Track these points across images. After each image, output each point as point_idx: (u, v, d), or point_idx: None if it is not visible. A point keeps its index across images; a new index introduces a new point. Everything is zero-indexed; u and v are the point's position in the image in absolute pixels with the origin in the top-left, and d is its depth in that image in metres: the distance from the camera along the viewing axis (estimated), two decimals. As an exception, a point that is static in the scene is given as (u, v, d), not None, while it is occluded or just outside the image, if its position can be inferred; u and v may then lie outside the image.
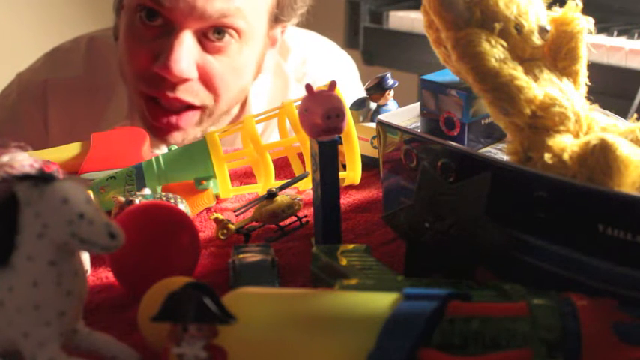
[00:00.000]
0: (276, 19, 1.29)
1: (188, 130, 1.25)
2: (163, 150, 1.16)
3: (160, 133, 1.26)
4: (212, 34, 1.21)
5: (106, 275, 0.85)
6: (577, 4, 0.82)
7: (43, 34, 2.31)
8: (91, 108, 1.37)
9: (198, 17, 1.18)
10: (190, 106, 1.24)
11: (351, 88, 1.45)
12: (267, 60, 1.33)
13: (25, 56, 1.62)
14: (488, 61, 0.76)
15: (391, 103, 1.07)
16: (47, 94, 1.38)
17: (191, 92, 1.23)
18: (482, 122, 0.84)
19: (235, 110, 1.35)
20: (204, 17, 1.18)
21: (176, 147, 1.04)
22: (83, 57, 1.40)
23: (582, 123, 0.77)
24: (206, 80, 1.23)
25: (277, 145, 1.03)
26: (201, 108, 1.25)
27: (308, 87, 0.82)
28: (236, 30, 1.22)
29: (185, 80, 1.21)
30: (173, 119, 1.24)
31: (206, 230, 0.95)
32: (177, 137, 1.26)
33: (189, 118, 1.25)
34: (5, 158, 0.77)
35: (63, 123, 1.37)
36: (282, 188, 0.94)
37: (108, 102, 1.37)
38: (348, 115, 0.93)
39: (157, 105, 1.24)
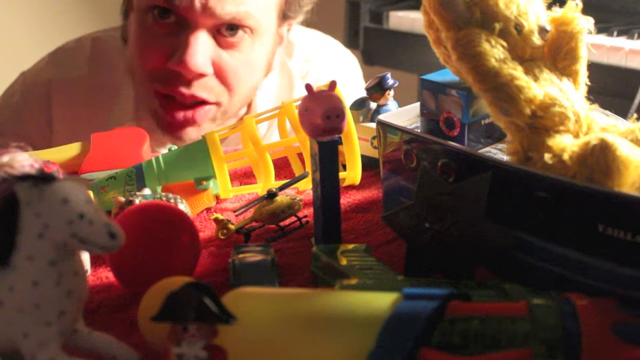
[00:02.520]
0: (284, 16, 1.30)
1: (203, 125, 1.26)
2: (164, 150, 1.16)
3: (175, 129, 1.27)
4: (225, 30, 1.22)
5: (106, 275, 0.85)
6: (577, 4, 0.82)
7: (47, 33, 2.31)
8: (95, 109, 1.37)
9: (211, 16, 1.19)
10: (205, 102, 1.25)
11: (354, 86, 1.46)
12: (276, 57, 1.34)
13: (28, 56, 1.62)
14: (488, 61, 0.76)
15: (391, 103, 1.07)
16: (51, 94, 1.38)
17: (205, 88, 1.24)
18: (482, 122, 0.84)
19: (242, 111, 1.35)
20: (215, 17, 1.20)
21: (176, 147, 1.04)
22: (87, 57, 1.40)
23: (582, 123, 0.77)
24: (221, 75, 1.24)
25: (277, 145, 1.03)
26: (216, 104, 1.26)
27: (308, 87, 0.82)
28: (248, 27, 1.23)
29: (200, 76, 1.22)
30: (189, 114, 1.25)
31: (206, 230, 0.95)
32: (191, 133, 1.26)
33: (205, 112, 1.26)
34: (5, 158, 0.77)
35: (67, 123, 1.37)
36: (282, 188, 0.94)
37: (112, 103, 1.37)
38: (348, 115, 0.93)
39: (172, 101, 1.25)
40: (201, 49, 1.20)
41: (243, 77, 1.26)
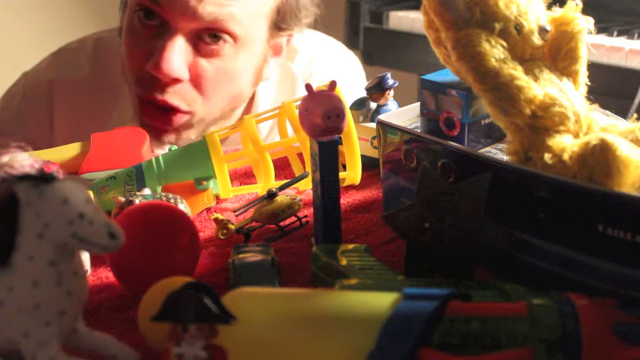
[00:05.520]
0: (278, 27, 1.29)
1: (180, 130, 1.25)
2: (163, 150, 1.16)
3: (155, 132, 1.26)
4: (207, 36, 1.21)
5: (106, 275, 0.85)
6: (577, 4, 0.82)
7: (49, 33, 2.31)
8: (96, 109, 1.37)
9: (191, 18, 1.18)
10: (178, 110, 1.24)
11: (357, 88, 1.45)
12: (270, 68, 1.33)
13: (30, 56, 1.62)
14: (488, 61, 0.76)
15: (391, 103, 1.07)
16: (53, 94, 1.38)
17: (179, 95, 1.23)
18: (482, 122, 0.84)
19: (238, 114, 1.35)
20: (196, 18, 1.19)
21: (176, 147, 1.04)
22: (89, 58, 1.40)
23: (582, 123, 0.77)
24: (196, 82, 1.23)
25: (277, 145, 1.03)
26: (189, 112, 1.25)
27: (308, 87, 0.82)
28: (231, 34, 1.22)
29: (176, 81, 1.21)
30: (163, 118, 1.25)
31: (206, 230, 0.95)
32: (170, 137, 1.26)
33: (178, 119, 1.25)
34: (5, 158, 0.77)
35: (68, 123, 1.37)
36: (282, 188, 0.94)
37: (114, 103, 1.37)
38: (348, 115, 0.93)
39: (151, 106, 1.25)
40: (177, 54, 1.19)
41: (220, 86, 1.25)
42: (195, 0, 1.18)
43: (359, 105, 1.09)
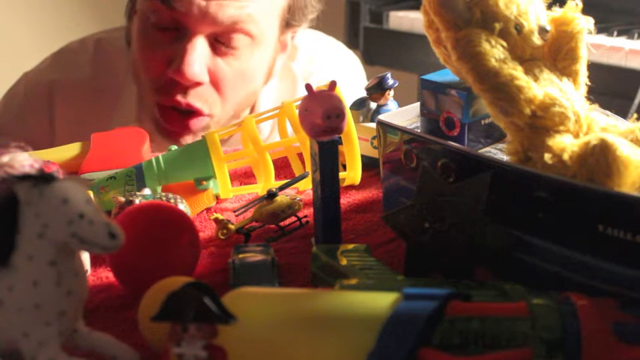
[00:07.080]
0: (287, 24, 1.30)
1: (198, 133, 1.27)
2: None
3: (172, 135, 1.27)
4: (224, 37, 1.22)
5: (106, 275, 0.85)
6: (577, 4, 0.82)
7: (50, 34, 2.31)
8: (98, 109, 1.37)
9: (211, 23, 1.19)
10: (199, 112, 1.25)
11: (357, 88, 1.46)
12: (278, 64, 1.34)
13: (31, 56, 1.62)
14: (488, 61, 0.76)
15: (391, 103, 1.07)
16: (54, 94, 1.38)
17: (201, 97, 1.24)
18: (482, 122, 0.84)
19: (245, 113, 1.35)
20: (216, 23, 1.19)
21: (176, 147, 1.04)
22: (90, 58, 1.40)
23: (582, 123, 0.77)
24: (216, 84, 1.24)
25: (277, 145, 1.03)
26: (209, 115, 1.27)
27: (308, 87, 0.82)
28: (248, 34, 1.23)
29: (197, 84, 1.22)
30: (184, 123, 1.26)
31: (206, 230, 0.95)
32: (188, 140, 1.27)
33: (199, 122, 1.26)
34: (5, 158, 0.77)
35: (69, 124, 1.37)
36: (282, 188, 0.94)
37: (115, 104, 1.37)
38: (348, 115, 0.93)
39: (171, 111, 1.26)
40: (198, 58, 1.20)
41: (237, 86, 1.26)
42: (215, 5, 1.18)
43: (359, 105, 1.09)
